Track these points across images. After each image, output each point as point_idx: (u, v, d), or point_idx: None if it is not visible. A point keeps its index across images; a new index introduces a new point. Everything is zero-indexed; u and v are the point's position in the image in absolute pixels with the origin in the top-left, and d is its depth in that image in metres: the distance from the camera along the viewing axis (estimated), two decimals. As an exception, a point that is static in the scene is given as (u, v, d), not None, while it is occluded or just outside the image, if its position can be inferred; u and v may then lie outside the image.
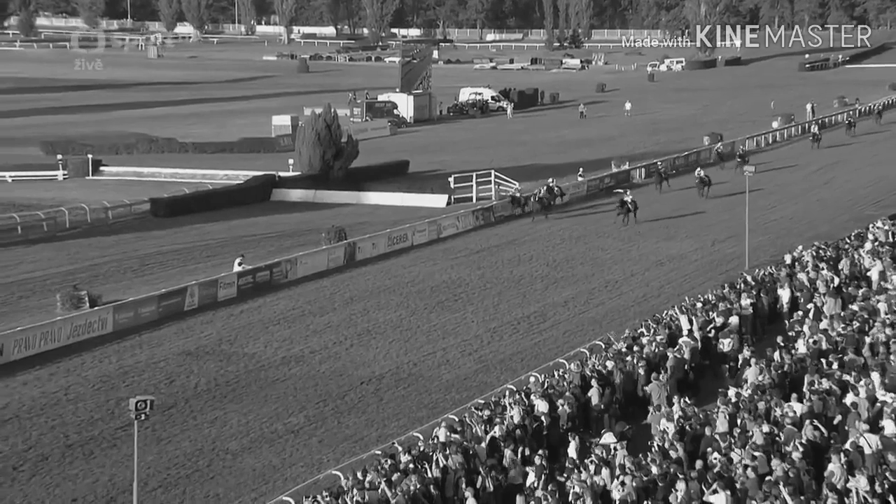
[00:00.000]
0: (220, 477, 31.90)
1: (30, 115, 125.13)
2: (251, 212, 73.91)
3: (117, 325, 45.86)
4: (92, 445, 34.03)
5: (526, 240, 62.63)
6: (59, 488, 31.05)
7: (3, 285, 53.71)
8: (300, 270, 54.97)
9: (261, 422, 35.97)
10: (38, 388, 39.00)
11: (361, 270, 55.89)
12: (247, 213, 73.42)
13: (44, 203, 73.76)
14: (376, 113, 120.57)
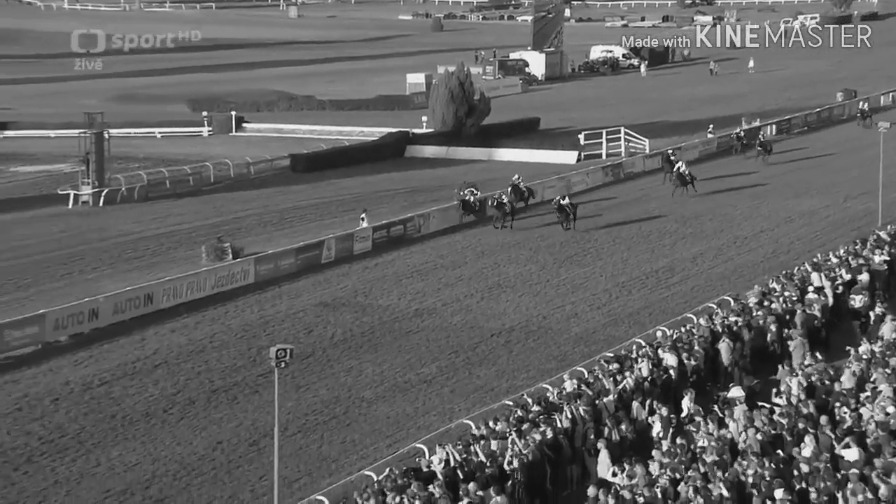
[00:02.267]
0: (356, 424, 32.33)
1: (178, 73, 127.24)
2: (386, 167, 74.38)
3: (258, 277, 46.65)
4: (235, 391, 34.73)
5: (655, 196, 62.01)
6: (205, 431, 31.77)
7: (153, 237, 54.93)
8: (433, 225, 55.23)
9: (394, 371, 36.32)
10: (185, 335, 39.88)
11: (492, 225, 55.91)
12: (381, 168, 73.91)
13: (190, 158, 75.11)
14: (508, 71, 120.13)
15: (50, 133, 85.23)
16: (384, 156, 77.63)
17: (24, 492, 27.73)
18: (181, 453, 30.21)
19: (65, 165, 71.79)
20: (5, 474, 28.67)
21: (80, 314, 40.41)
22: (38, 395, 34.21)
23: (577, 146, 76.11)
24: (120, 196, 63.99)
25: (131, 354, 37.93)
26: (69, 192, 63.42)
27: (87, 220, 59.27)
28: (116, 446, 30.56)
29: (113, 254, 51.56)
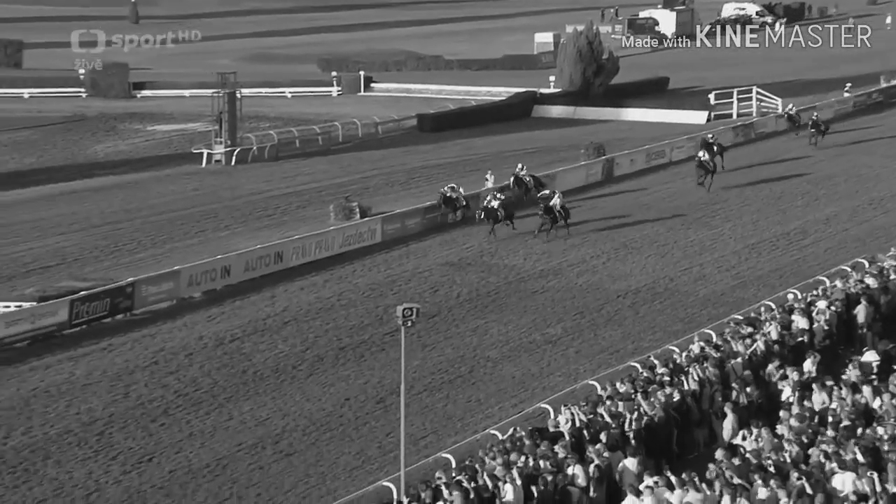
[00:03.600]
0: (481, 383, 32.45)
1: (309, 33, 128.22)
2: (512, 127, 74.16)
3: (385, 236, 46.97)
4: (362, 349, 35.09)
5: (787, 157, 60.92)
6: (333, 388, 32.18)
7: (283, 196, 55.62)
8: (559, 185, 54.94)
9: (520, 331, 36.35)
10: (314, 293, 40.37)
11: (619, 186, 55.50)
12: (508, 128, 73.71)
13: (319, 118, 75.76)
14: (637, 30, 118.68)
15: (185, 93, 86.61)
16: (511, 116, 77.41)
17: (160, 443, 28.40)
18: (310, 409, 30.64)
19: (198, 125, 72.95)
20: (144, 426, 29.40)
21: (212, 271, 41.18)
22: (173, 349, 34.97)
23: (707, 106, 75.03)
24: (251, 155, 64.87)
25: (262, 311, 38.53)
26: (202, 151, 64.48)
27: (219, 179, 60.21)
28: (248, 401, 31.10)
29: (244, 212, 52.34)
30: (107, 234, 48.68)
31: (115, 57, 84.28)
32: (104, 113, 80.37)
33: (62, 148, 69.86)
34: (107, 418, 29.81)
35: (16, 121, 76.44)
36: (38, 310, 36.35)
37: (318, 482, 26.39)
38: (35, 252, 45.77)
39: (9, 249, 46.12)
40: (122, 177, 61.59)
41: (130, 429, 29.22)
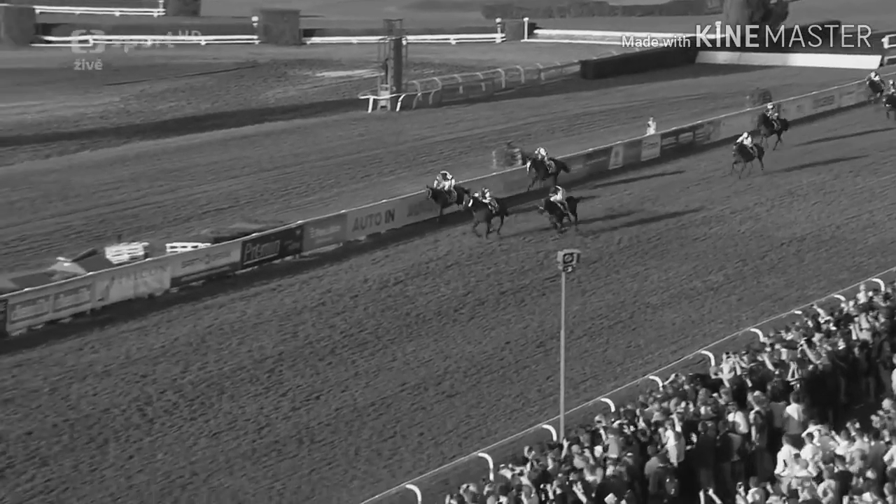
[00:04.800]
0: (641, 329, 32.23)
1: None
2: (676, 74, 73.05)
3: (548, 182, 46.77)
4: (523, 293, 35.13)
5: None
6: (493, 331, 32.32)
7: (446, 141, 55.84)
8: (723, 132, 54.02)
9: (680, 278, 35.96)
10: (476, 238, 40.48)
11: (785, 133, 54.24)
12: (672, 75, 72.63)
13: (482, 65, 75.69)
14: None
15: (352, 40, 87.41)
16: (675, 62, 76.24)
17: (327, 381, 28.92)
18: (471, 352, 30.85)
19: (365, 71, 73.56)
20: (312, 364, 29.98)
21: (377, 215, 41.65)
22: (339, 291, 35.52)
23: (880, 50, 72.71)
24: (415, 101, 65.22)
25: (425, 255, 38.83)
26: (369, 98, 65.06)
27: (384, 125, 60.70)
28: (411, 342, 31.45)
29: (408, 157, 52.72)
30: (277, 177, 49.58)
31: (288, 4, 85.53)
32: (275, 60, 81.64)
33: (235, 94, 71.22)
34: (276, 356, 30.47)
35: (192, 67, 78.15)
36: (212, 251, 37.28)
37: (479, 423, 26.59)
38: (209, 195, 46.90)
39: (185, 192, 47.34)
40: (292, 122, 62.52)
41: (299, 367, 29.82)
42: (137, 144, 57.22)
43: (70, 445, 25.33)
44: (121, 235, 39.56)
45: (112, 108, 66.14)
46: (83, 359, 30.22)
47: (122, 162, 53.16)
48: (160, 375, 29.13)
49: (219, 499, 23.12)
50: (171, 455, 24.96)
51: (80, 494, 23.21)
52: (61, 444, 25.35)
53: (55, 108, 64.78)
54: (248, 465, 24.57)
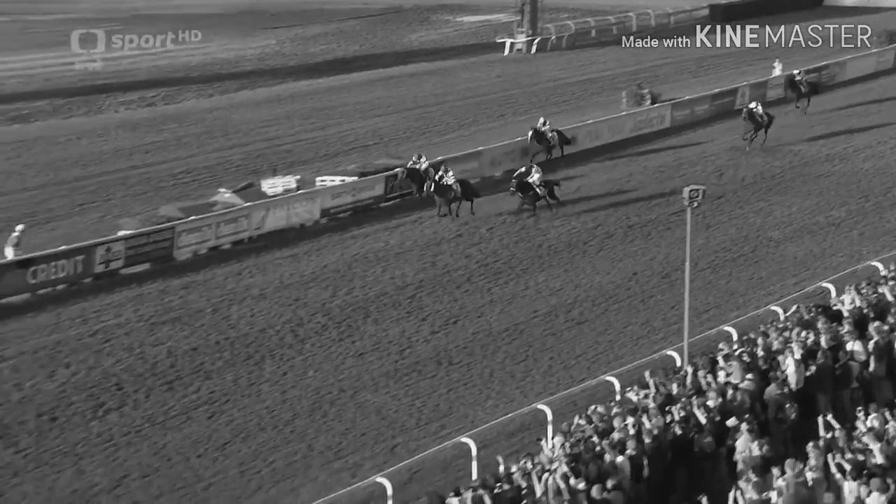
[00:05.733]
0: (763, 262, 31.68)
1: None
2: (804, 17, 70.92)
3: (674, 121, 46.21)
4: (649, 227, 34.77)
5: None
6: (621, 263, 32.09)
7: (579, 83, 55.31)
8: (848, 73, 52.52)
9: (803, 213, 35.21)
10: (605, 174, 40.15)
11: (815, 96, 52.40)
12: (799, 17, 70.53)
13: (615, 9, 74.51)
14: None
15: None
16: (803, 4, 74.04)
17: (464, 307, 29.06)
18: (599, 282, 30.68)
19: (502, 15, 73.04)
20: (449, 291, 30.13)
21: (512, 152, 41.49)
22: (475, 223, 35.52)
23: None
24: (550, 44, 64.69)
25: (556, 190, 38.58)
26: (505, 41, 64.74)
27: (519, 67, 60.29)
28: (542, 272, 31.40)
29: (542, 97, 52.35)
30: (418, 116, 49.70)
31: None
32: (419, 5, 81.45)
33: (381, 37, 71.39)
34: (417, 283, 30.69)
35: (342, 12, 78.47)
36: (358, 184, 37.62)
37: (606, 349, 26.49)
38: (356, 132, 47.27)
39: (334, 129, 47.79)
40: (433, 64, 62.49)
41: (438, 294, 29.99)
42: (291, 85, 57.83)
43: (230, 361, 25.93)
44: (276, 169, 40.11)
45: (269, 50, 66.86)
46: (241, 282, 30.85)
47: (278, 101, 53.82)
48: (311, 299, 29.59)
49: (364, 414, 23.45)
50: (320, 372, 25.38)
51: (240, 406, 23.77)
52: (223, 360, 25.96)
53: (217, 51, 65.73)
54: (391, 383, 24.86)
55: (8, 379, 24.79)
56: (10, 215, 35.53)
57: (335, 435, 22.51)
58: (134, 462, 21.43)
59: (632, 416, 18.57)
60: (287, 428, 22.83)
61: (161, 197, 38.22)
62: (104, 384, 24.59)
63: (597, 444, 17.92)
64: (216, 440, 22.30)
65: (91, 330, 27.61)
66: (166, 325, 27.83)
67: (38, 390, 24.28)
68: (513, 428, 21.10)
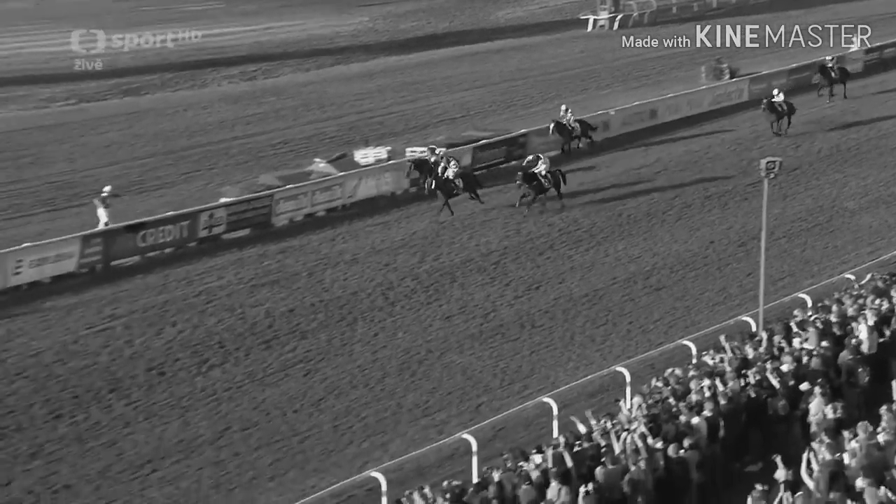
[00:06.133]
0: (839, 231, 31.14)
1: None
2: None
3: (752, 95, 45.50)
4: (727, 198, 34.33)
5: None
6: (698, 231, 31.74)
7: (659, 58, 54.59)
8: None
9: (878, 185, 34.53)
10: (684, 146, 39.70)
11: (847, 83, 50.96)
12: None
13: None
14: None
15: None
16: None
17: (546, 273, 28.96)
18: (677, 250, 30.38)
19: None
20: (532, 258, 30.03)
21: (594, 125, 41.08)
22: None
23: None
24: (632, 20, 64.01)
25: (636, 162, 38.28)
26: (589, 17, 64.23)
27: (602, 42, 59.71)
28: (622, 241, 31.16)
29: (624, 72, 51.84)
30: (504, 90, 49.51)
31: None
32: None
33: (469, 14, 71.11)
34: (501, 250, 30.64)
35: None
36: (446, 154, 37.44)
37: (683, 314, 26.24)
38: (444, 105, 47.24)
39: (423, 102, 47.80)
40: (519, 40, 62.14)
41: (521, 260, 29.92)
42: (383, 60, 57.92)
43: (325, 322, 26.15)
44: (368, 140, 40.25)
45: (362, 27, 66.97)
46: (335, 248, 31.06)
47: (370, 75, 53.93)
48: (400, 264, 29.69)
49: (450, 374, 23.52)
50: (409, 334, 25.48)
51: (333, 364, 23.98)
52: (317, 321, 26.18)
53: (314, 28, 66.02)
54: (476, 345, 24.89)
55: (120, 336, 25.28)
56: (120, 182, 36.15)
57: (423, 393, 22.61)
58: (235, 415, 21.74)
59: (708, 379, 18.39)
60: (378, 386, 22.99)
61: (260, 166, 38.59)
62: (207, 342, 24.96)
63: (674, 405, 17.79)
64: (311, 396, 22.53)
65: (195, 291, 28.03)
66: (265, 288, 28.13)
67: (147, 347, 24.72)
68: (592, 389, 21.01)
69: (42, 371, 23.40)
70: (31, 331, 25.44)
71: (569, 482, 15.63)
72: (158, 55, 56.24)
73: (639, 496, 15.81)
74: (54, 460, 20.02)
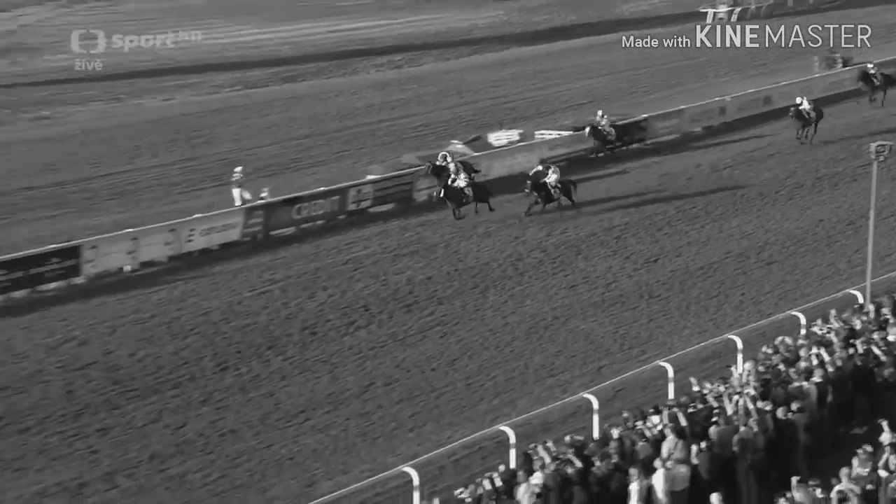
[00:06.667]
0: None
1: None
2: None
3: (862, 82, 43.95)
4: (836, 179, 33.35)
5: None
6: (809, 210, 30.89)
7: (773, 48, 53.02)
8: None
9: None
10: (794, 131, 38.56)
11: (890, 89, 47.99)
12: None
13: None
14: None
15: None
16: None
17: (664, 248, 28.53)
18: (788, 227, 29.60)
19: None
20: (651, 233, 29.61)
21: (711, 110, 40.42)
22: (674, 173, 34.79)
23: None
24: (749, 13, 62.41)
25: (750, 144, 37.40)
26: (708, 10, 62.84)
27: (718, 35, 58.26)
28: (735, 218, 30.50)
29: (741, 62, 50.56)
30: (628, 78, 48.89)
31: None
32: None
33: (597, 7, 70.21)
34: (623, 226, 30.29)
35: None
36: (572, 138, 37.30)
37: (793, 287, 25.59)
38: (572, 92, 46.88)
39: (553, 90, 47.51)
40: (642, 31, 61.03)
41: (640, 235, 29.54)
42: (517, 50, 57.67)
43: (459, 289, 26.23)
44: (501, 123, 40.16)
45: (497, 20, 66.73)
46: (469, 222, 31.05)
47: (504, 65, 53.74)
48: (529, 237, 29.57)
49: (574, 338, 23.38)
50: (536, 301, 25.40)
51: (468, 328, 24.05)
52: (453, 288, 26.28)
53: (453, 21, 66.05)
54: (598, 312, 24.68)
55: (278, 298, 25.78)
56: (279, 161, 36.82)
57: (548, 356, 22.53)
58: (379, 372, 21.99)
59: (817, 348, 17.92)
60: (507, 348, 22.98)
61: (404, 147, 38.83)
62: (354, 305, 25.28)
63: (784, 371, 17.40)
64: (447, 356, 22.64)
65: (344, 259, 28.40)
66: (406, 257, 28.33)
67: (301, 308, 25.16)
68: (705, 355, 20.64)
69: (210, 328, 24.01)
70: (202, 292, 26.12)
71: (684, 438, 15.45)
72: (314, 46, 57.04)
73: (749, 454, 15.53)
74: (221, 407, 20.56)
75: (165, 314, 24.69)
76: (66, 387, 21.08)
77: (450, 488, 15.94)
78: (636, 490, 14.72)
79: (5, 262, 25.83)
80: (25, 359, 22.34)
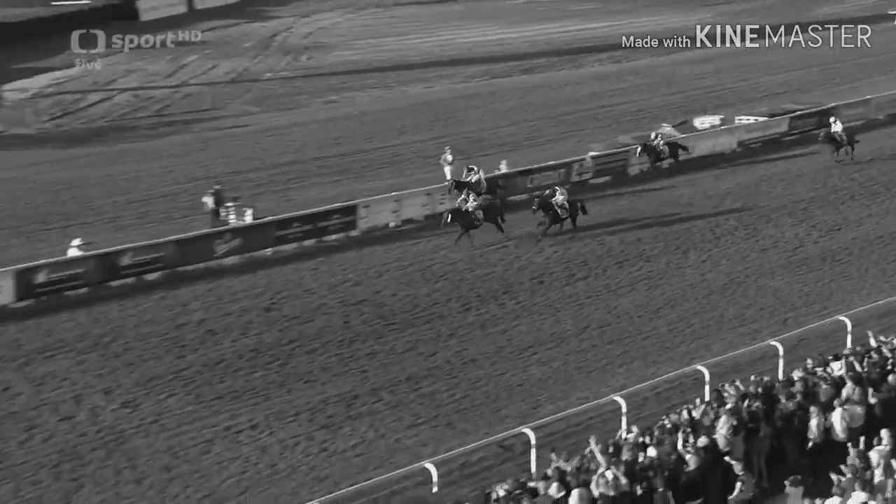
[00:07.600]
0: None
1: None
2: None
3: None
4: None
5: None
6: None
7: None
8: None
9: None
10: None
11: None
12: None
13: None
14: None
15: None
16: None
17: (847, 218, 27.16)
18: None
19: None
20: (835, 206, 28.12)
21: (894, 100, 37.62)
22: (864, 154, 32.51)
23: None
24: None
25: None
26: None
27: None
28: None
29: None
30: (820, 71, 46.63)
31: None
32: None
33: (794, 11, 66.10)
34: (809, 199, 28.89)
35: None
36: (768, 123, 35.74)
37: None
38: (769, 83, 44.95)
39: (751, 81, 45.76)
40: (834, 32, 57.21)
41: (825, 207, 28.12)
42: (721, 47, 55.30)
43: (664, 250, 25.74)
44: (706, 109, 38.91)
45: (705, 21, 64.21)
46: (675, 193, 30.18)
47: (710, 59, 51.74)
48: (726, 207, 28.57)
49: (763, 294, 22.59)
50: (731, 262, 24.63)
51: (670, 282, 23.64)
52: (658, 249, 25.79)
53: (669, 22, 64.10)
54: (786, 273, 23.71)
55: (512, 253, 26.02)
56: (515, 139, 37.01)
57: (741, 308, 21.88)
58: (594, 317, 21.92)
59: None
60: (704, 300, 22.44)
61: (620, 129, 38.20)
62: (575, 260, 25.24)
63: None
64: (652, 306, 22.32)
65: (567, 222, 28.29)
66: (617, 223, 27.95)
67: (531, 261, 25.31)
68: (883, 311, 19.54)
69: (457, 276, 24.54)
70: (448, 246, 26.65)
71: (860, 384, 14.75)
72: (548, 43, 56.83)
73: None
74: (464, 340, 21.02)
75: (421, 263, 25.38)
76: (344, 318, 22.04)
77: (653, 416, 15.86)
78: (816, 425, 14.21)
79: (299, 217, 27.04)
80: (312, 294, 23.42)
